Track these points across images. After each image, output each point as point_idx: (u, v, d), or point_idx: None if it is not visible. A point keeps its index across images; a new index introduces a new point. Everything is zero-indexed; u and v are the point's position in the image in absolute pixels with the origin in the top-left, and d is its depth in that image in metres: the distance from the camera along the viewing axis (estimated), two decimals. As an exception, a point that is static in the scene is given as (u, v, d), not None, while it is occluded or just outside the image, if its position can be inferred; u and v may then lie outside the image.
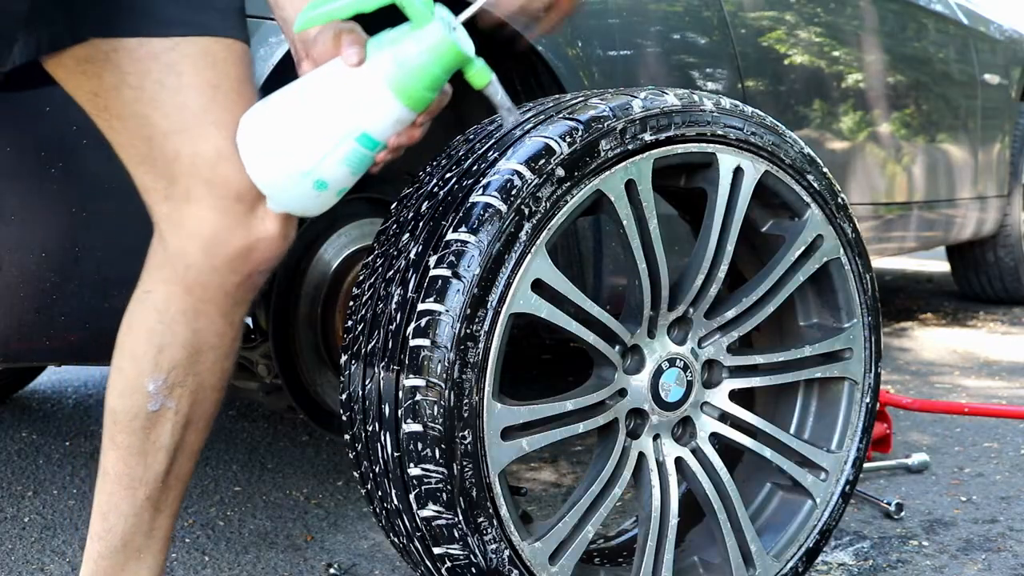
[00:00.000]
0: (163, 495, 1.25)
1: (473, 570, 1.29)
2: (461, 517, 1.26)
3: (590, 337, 1.36)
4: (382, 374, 1.28)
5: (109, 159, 1.35)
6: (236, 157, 1.15)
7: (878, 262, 4.60)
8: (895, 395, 2.58)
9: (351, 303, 1.38)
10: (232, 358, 1.26)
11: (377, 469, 1.32)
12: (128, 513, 1.23)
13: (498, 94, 1.15)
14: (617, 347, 1.40)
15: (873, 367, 1.61)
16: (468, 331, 1.24)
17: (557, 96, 1.49)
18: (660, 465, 1.45)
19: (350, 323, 1.36)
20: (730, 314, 1.49)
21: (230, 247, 1.16)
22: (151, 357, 1.19)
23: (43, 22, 1.09)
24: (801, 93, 2.59)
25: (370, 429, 1.31)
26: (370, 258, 1.38)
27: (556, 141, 1.31)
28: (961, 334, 4.00)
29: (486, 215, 1.26)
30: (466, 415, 1.25)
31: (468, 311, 1.24)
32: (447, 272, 1.25)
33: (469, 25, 1.16)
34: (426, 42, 1.10)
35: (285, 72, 1.43)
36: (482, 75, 1.14)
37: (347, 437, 1.38)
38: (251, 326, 2.05)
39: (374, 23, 1.16)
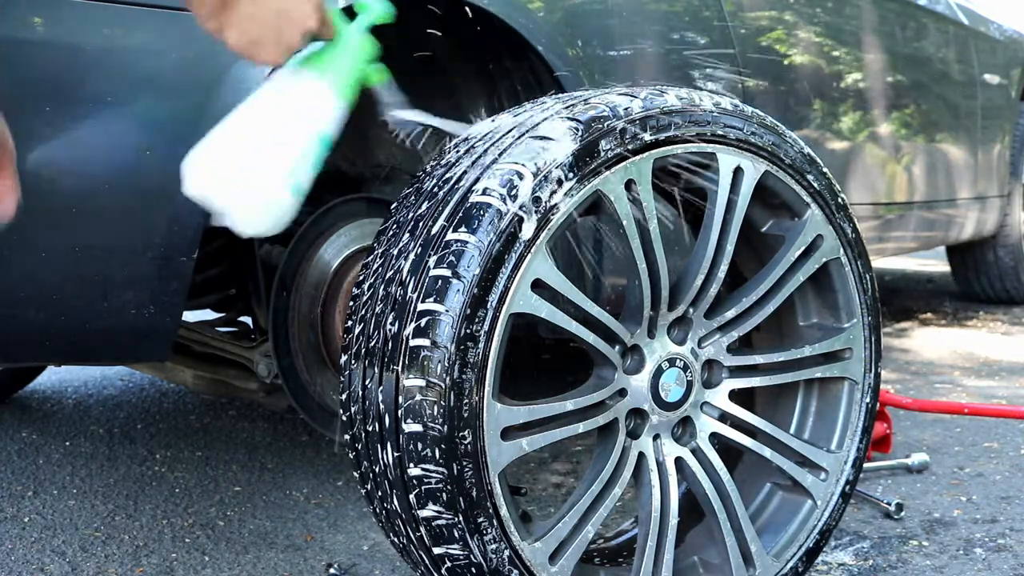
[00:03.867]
0: None
1: (473, 570, 1.29)
2: (461, 517, 1.26)
3: (590, 337, 1.36)
4: (382, 374, 1.28)
5: (109, 159, 1.35)
6: None
7: (878, 262, 4.60)
8: (895, 395, 2.58)
9: (351, 303, 1.38)
10: None
11: (377, 469, 1.32)
12: None
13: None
14: (617, 347, 1.40)
15: (873, 367, 1.61)
16: (468, 331, 1.24)
17: (557, 96, 1.49)
18: (660, 465, 1.45)
19: (350, 323, 1.36)
20: (730, 314, 1.49)
21: None
22: None
23: None
24: (801, 93, 2.59)
25: (370, 429, 1.31)
26: (370, 258, 1.38)
27: (556, 142, 1.31)
28: (961, 334, 4.00)
29: (486, 215, 1.26)
30: (466, 415, 1.25)
31: (468, 311, 1.24)
32: (447, 272, 1.25)
33: None
34: (352, 47, 1.31)
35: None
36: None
37: (347, 437, 1.38)
38: (251, 326, 2.05)
39: None
